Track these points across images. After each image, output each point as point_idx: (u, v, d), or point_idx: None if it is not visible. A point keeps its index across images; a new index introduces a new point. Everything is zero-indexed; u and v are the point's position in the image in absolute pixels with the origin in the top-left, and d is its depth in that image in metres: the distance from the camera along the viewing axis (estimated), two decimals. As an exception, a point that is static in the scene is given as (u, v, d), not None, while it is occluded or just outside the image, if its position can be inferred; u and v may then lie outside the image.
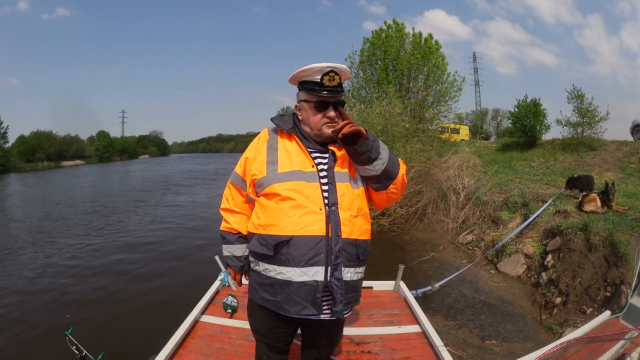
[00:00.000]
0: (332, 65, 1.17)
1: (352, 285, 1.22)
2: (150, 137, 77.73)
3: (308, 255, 1.13)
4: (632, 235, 3.67)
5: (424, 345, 2.11)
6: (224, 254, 1.38)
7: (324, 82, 1.16)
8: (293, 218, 1.14)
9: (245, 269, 1.37)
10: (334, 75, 1.17)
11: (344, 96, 1.30)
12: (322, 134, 1.22)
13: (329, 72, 1.16)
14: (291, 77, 1.25)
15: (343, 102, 1.24)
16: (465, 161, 7.84)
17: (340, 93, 1.20)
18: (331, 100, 1.19)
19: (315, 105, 1.20)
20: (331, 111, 1.19)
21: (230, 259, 1.37)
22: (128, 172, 26.91)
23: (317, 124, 1.21)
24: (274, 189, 1.18)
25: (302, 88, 1.23)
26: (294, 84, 1.27)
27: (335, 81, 1.17)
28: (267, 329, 1.30)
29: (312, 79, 1.18)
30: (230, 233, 1.36)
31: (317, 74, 1.17)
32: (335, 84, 1.17)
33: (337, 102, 1.21)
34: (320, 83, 1.17)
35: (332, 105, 1.20)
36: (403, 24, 12.47)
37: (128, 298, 4.23)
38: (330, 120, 1.20)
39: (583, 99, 10.24)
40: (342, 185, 1.20)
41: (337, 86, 1.18)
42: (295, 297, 1.15)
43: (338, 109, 1.21)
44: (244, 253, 1.35)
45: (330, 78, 1.16)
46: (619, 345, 2.14)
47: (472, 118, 30.83)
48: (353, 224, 1.19)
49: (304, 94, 1.23)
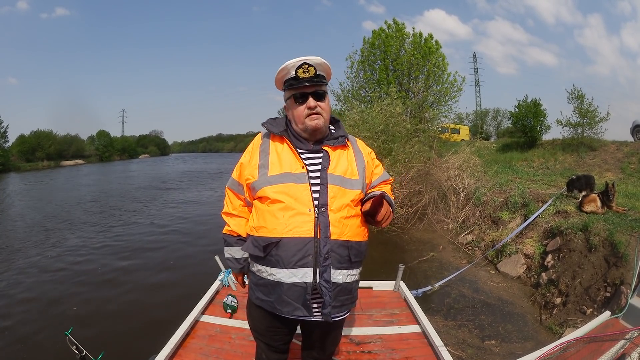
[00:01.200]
0: (304, 58, 1.20)
1: (344, 287, 1.21)
2: (150, 137, 77.71)
3: (297, 256, 1.14)
4: (632, 235, 3.67)
5: (424, 345, 2.12)
6: (225, 256, 1.41)
7: (299, 75, 1.19)
8: (282, 220, 1.16)
9: (245, 270, 1.39)
10: (307, 67, 1.19)
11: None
12: (307, 128, 1.23)
13: (301, 65, 1.19)
14: (276, 82, 1.29)
15: (324, 93, 1.25)
16: (466, 161, 7.83)
17: (317, 83, 1.21)
18: (308, 90, 1.21)
19: (295, 99, 1.23)
20: (311, 100, 1.21)
21: (231, 261, 1.39)
22: (129, 171, 26.90)
23: (301, 117, 1.22)
24: (264, 192, 1.19)
25: (284, 87, 1.26)
26: (280, 89, 1.30)
27: (310, 72, 1.20)
28: (264, 328, 1.32)
29: (290, 76, 1.22)
30: (230, 236, 1.38)
31: (292, 69, 1.21)
32: (311, 74, 1.20)
33: (316, 92, 1.22)
34: (296, 77, 1.20)
35: (310, 95, 1.21)
36: (403, 24, 12.45)
37: (128, 298, 4.23)
38: (311, 111, 1.21)
39: (583, 99, 10.26)
40: (334, 186, 1.20)
41: (313, 77, 1.20)
42: (287, 298, 1.17)
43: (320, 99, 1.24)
44: (244, 255, 1.36)
45: (304, 70, 1.19)
46: (618, 346, 2.14)
47: (473, 118, 30.80)
48: (344, 225, 1.19)
49: (287, 92, 1.26)
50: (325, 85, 1.27)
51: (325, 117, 1.25)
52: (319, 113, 1.22)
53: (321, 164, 1.22)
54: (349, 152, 1.30)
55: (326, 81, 1.26)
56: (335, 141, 1.28)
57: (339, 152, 1.27)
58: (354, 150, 1.33)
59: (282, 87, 1.28)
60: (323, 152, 1.24)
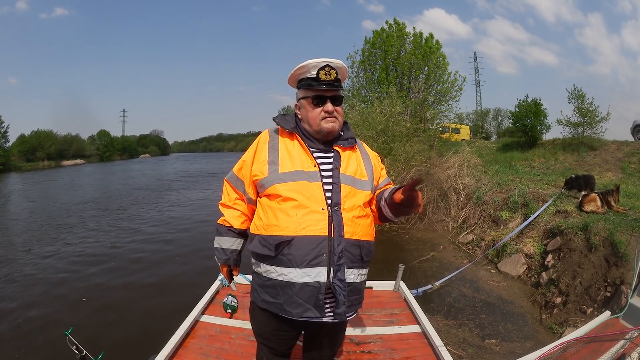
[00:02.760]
0: (328, 60, 1.18)
1: (355, 287, 1.21)
2: (151, 137, 77.74)
3: (310, 255, 1.12)
4: (632, 235, 3.67)
5: (424, 345, 2.11)
6: (214, 245, 1.38)
7: (320, 76, 1.17)
8: (295, 218, 1.13)
9: (230, 263, 1.37)
10: (330, 70, 1.18)
11: (343, 93, 1.31)
12: (322, 130, 1.21)
13: (324, 67, 1.17)
14: (290, 77, 1.26)
15: (341, 97, 1.24)
16: (466, 161, 7.82)
17: (337, 88, 1.20)
18: (328, 94, 1.20)
19: (313, 100, 1.21)
20: (329, 105, 1.20)
21: (217, 250, 1.38)
22: (130, 171, 26.92)
23: (316, 119, 1.21)
24: (275, 189, 1.17)
25: (300, 86, 1.24)
26: (293, 85, 1.28)
27: (331, 75, 1.18)
28: (270, 332, 1.29)
29: (309, 75, 1.19)
30: (222, 225, 1.37)
31: (313, 69, 1.18)
32: (332, 78, 1.18)
33: (335, 97, 1.21)
34: (316, 78, 1.18)
35: (329, 99, 1.20)
36: (404, 24, 12.47)
37: (128, 298, 4.24)
38: (328, 115, 1.20)
39: (584, 99, 10.26)
40: (346, 186, 1.19)
41: (333, 80, 1.19)
42: (298, 299, 1.13)
43: (336, 105, 1.22)
44: (231, 246, 1.35)
45: (326, 72, 1.17)
46: (619, 345, 2.14)
47: (473, 118, 30.76)
48: (356, 225, 1.18)
49: (302, 91, 1.24)
50: (342, 89, 1.26)
51: (340, 120, 1.24)
52: (335, 117, 1.21)
53: (332, 163, 1.21)
54: (357, 154, 1.30)
55: (342, 85, 1.26)
56: (346, 142, 1.27)
57: (349, 154, 1.27)
58: (362, 153, 1.33)
59: (296, 84, 1.26)
60: (334, 152, 1.23)
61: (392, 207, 1.19)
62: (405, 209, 1.15)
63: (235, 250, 1.37)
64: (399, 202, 1.13)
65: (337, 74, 1.19)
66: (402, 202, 1.12)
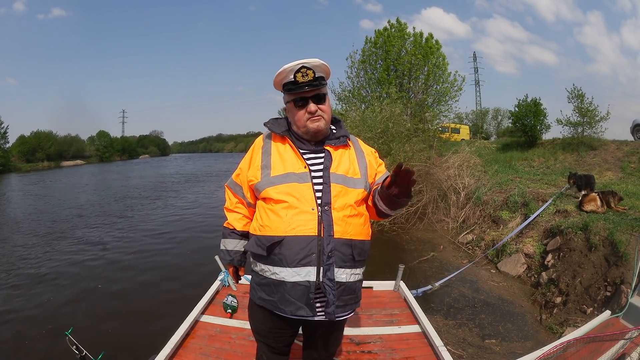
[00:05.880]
0: (302, 62, 1.18)
1: (348, 286, 1.21)
2: (151, 137, 77.85)
3: (300, 255, 1.14)
4: (632, 235, 3.67)
5: (424, 345, 2.12)
6: (220, 247, 1.44)
7: (298, 79, 1.18)
8: (285, 219, 1.16)
9: (235, 263, 1.41)
10: (306, 71, 1.18)
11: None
12: (309, 130, 1.23)
13: (300, 69, 1.18)
14: (274, 85, 1.28)
15: (324, 95, 1.24)
16: (466, 161, 7.83)
17: (317, 86, 1.20)
18: (308, 94, 1.21)
19: (295, 103, 1.22)
20: (311, 105, 1.21)
21: (222, 252, 1.43)
22: (130, 171, 26.92)
23: (302, 121, 1.22)
24: (267, 193, 1.20)
25: (283, 90, 1.26)
26: (279, 90, 1.29)
27: (308, 76, 1.18)
28: (267, 329, 1.31)
29: (288, 80, 1.21)
30: (226, 228, 1.43)
31: (290, 73, 1.19)
32: (310, 78, 1.18)
33: (316, 96, 1.22)
34: (295, 81, 1.19)
35: (310, 99, 1.21)
36: (405, 24, 12.47)
37: (128, 298, 4.24)
38: (312, 115, 1.21)
39: (583, 98, 10.27)
40: (337, 185, 1.20)
41: (312, 80, 1.19)
42: (290, 297, 1.16)
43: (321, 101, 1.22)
44: (234, 248, 1.40)
45: (303, 74, 1.18)
46: (619, 345, 2.14)
47: (473, 118, 30.77)
48: (347, 224, 1.19)
49: (286, 96, 1.26)
50: (325, 87, 1.26)
51: (326, 118, 1.25)
52: (320, 116, 1.22)
53: (323, 163, 1.23)
54: (350, 152, 1.30)
55: (325, 82, 1.25)
56: (337, 141, 1.28)
57: (341, 152, 1.27)
58: (356, 150, 1.33)
59: (281, 89, 1.27)
60: (325, 152, 1.25)
61: (385, 199, 1.16)
62: (398, 197, 1.11)
63: (239, 251, 1.40)
64: (388, 185, 1.11)
65: (314, 73, 1.19)
66: (392, 184, 1.08)
